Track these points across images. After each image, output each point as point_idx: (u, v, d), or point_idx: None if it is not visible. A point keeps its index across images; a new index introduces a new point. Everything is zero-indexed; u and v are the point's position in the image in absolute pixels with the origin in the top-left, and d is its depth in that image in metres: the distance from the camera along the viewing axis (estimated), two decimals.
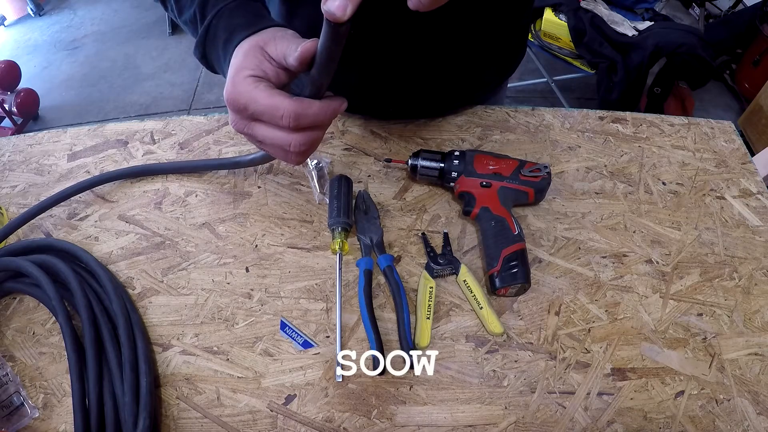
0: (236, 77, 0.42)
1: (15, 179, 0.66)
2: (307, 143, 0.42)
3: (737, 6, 2.38)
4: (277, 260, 0.57)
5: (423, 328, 0.51)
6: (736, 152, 0.69)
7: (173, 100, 2.44)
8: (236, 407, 0.48)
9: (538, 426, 0.47)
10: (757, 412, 0.47)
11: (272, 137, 0.42)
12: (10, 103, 2.20)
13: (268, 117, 0.41)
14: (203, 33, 0.48)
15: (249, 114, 0.42)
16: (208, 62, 0.51)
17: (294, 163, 0.46)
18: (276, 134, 0.42)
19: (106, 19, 2.95)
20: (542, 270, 0.57)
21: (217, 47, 0.48)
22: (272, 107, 0.40)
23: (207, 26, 0.48)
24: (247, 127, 0.43)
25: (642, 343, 0.51)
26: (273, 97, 0.40)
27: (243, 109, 0.41)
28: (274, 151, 0.45)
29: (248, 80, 0.41)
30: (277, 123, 0.41)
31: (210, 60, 0.50)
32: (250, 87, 0.41)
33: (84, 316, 0.48)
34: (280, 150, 0.43)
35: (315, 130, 0.43)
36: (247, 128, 0.43)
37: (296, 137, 0.41)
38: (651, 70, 1.78)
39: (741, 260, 0.58)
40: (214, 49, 0.48)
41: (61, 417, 0.47)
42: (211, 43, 0.48)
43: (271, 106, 0.40)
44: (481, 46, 0.65)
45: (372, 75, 0.64)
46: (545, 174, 0.59)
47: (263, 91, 0.40)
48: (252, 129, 0.43)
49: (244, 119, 0.43)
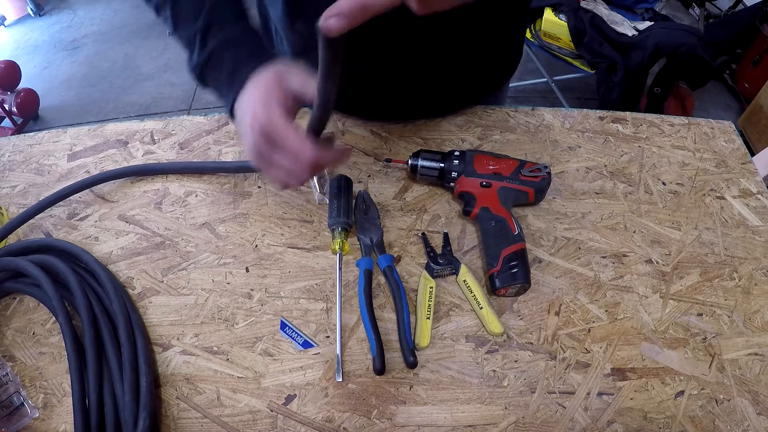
0: (269, 108, 0.45)
1: (15, 179, 0.66)
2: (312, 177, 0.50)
3: (737, 6, 2.38)
4: (277, 260, 0.57)
5: (423, 328, 0.51)
6: (736, 152, 0.69)
7: (173, 100, 2.44)
8: (236, 407, 0.48)
9: (538, 426, 0.47)
10: (757, 412, 0.47)
11: (288, 168, 0.46)
12: (10, 103, 2.20)
13: (290, 153, 0.45)
14: (206, 58, 0.51)
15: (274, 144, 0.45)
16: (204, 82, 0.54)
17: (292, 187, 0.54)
18: (292, 168, 0.46)
19: (106, 19, 2.95)
20: (542, 270, 0.57)
21: (219, 74, 0.51)
22: (299, 149, 0.44)
23: (210, 53, 0.51)
24: (268, 155, 0.46)
25: (642, 343, 0.51)
26: (302, 141, 0.44)
27: (271, 140, 0.45)
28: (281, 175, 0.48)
29: (281, 115, 0.44)
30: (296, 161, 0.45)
31: (207, 81, 0.53)
32: (282, 122, 0.44)
33: (84, 316, 0.48)
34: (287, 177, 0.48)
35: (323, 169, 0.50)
36: (268, 155, 0.46)
37: (307, 175, 0.47)
38: (651, 70, 1.77)
39: (741, 260, 0.58)
40: (215, 73, 0.51)
41: (61, 417, 0.47)
42: (213, 69, 0.51)
43: (298, 149, 0.44)
44: (480, 48, 0.65)
45: (372, 77, 0.64)
46: (545, 174, 0.59)
47: (293, 131, 0.44)
48: (272, 156, 0.46)
49: (268, 145, 0.46)
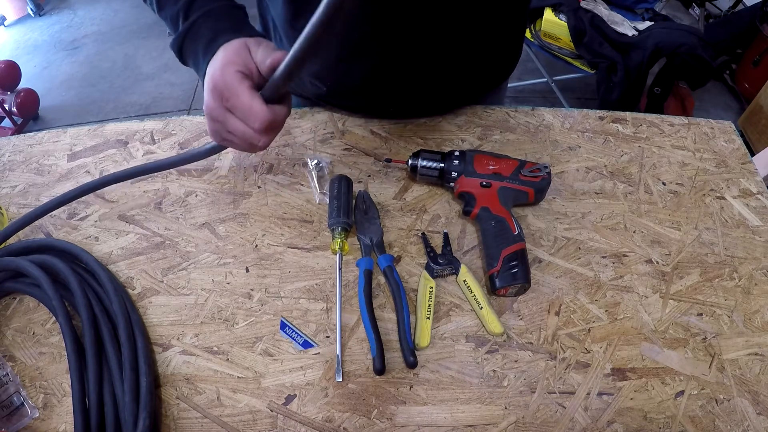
0: (225, 69, 0.45)
1: (15, 179, 0.66)
2: (271, 140, 0.50)
3: (737, 6, 2.38)
4: (277, 260, 0.57)
5: (423, 328, 0.51)
6: (736, 152, 0.69)
7: (173, 100, 2.44)
8: (236, 407, 0.48)
9: (538, 426, 0.47)
10: (757, 412, 0.47)
11: (243, 133, 0.47)
12: (10, 103, 2.20)
13: (242, 115, 0.45)
14: (186, 29, 0.52)
15: (228, 105, 0.46)
16: (182, 56, 0.55)
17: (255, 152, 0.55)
18: (247, 131, 0.47)
19: (106, 19, 2.95)
20: (542, 270, 0.57)
21: (197, 44, 0.52)
22: (249, 108, 0.44)
23: (191, 24, 0.52)
24: (222, 116, 0.47)
25: (642, 343, 0.51)
26: (253, 100, 0.44)
27: (225, 98, 0.45)
28: (242, 146, 0.50)
29: (236, 75, 0.45)
30: (248, 123, 0.46)
31: (185, 54, 0.54)
32: (236, 81, 0.45)
33: (84, 316, 0.48)
34: (247, 145, 0.49)
35: (279, 129, 0.50)
36: (222, 117, 0.47)
37: (264, 138, 0.48)
38: (651, 70, 1.77)
39: (741, 260, 0.58)
40: (193, 44, 0.52)
41: (61, 417, 0.47)
42: (192, 40, 0.52)
43: (249, 107, 0.44)
44: (480, 45, 0.65)
45: (374, 74, 0.64)
46: (545, 174, 0.59)
47: (247, 90, 0.44)
48: (226, 119, 0.47)
49: (222, 108, 0.46)
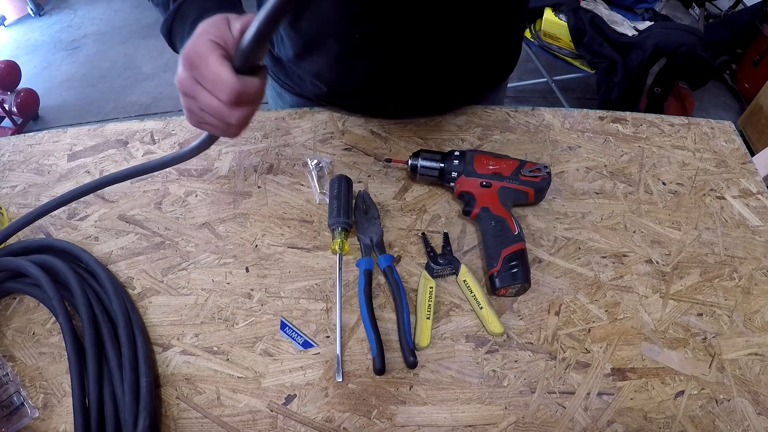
0: (199, 38, 0.42)
1: (15, 179, 0.66)
2: (247, 118, 0.45)
3: (737, 6, 2.38)
4: (277, 260, 0.57)
5: (423, 328, 0.51)
6: (736, 152, 0.69)
7: (173, 100, 2.44)
8: (236, 407, 0.48)
9: (538, 426, 0.47)
10: (757, 412, 0.47)
11: (214, 108, 0.43)
12: (10, 103, 2.20)
13: (210, 85, 0.42)
14: (174, 10, 0.52)
15: (196, 74, 0.42)
16: (171, 39, 0.55)
17: (232, 136, 0.48)
18: (216, 104, 0.43)
19: (106, 19, 2.95)
20: (542, 270, 0.57)
21: (184, 24, 0.51)
22: (216, 76, 0.41)
23: (180, 5, 0.52)
24: (192, 90, 0.43)
25: (642, 343, 0.51)
26: (221, 67, 0.41)
27: (194, 67, 0.42)
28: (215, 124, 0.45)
29: (208, 43, 0.42)
30: (216, 94, 0.42)
31: (173, 36, 0.54)
32: (206, 49, 0.41)
33: (84, 316, 0.48)
34: (220, 123, 0.45)
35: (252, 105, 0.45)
36: (192, 91, 0.43)
37: (236, 113, 0.43)
38: (651, 70, 1.77)
39: (741, 260, 0.58)
40: (181, 25, 0.52)
41: (61, 417, 0.47)
42: (180, 20, 0.52)
43: (215, 75, 0.41)
44: (480, 46, 0.65)
45: (374, 74, 0.64)
46: (545, 174, 0.59)
47: (216, 58, 0.41)
48: (196, 92, 0.43)
49: (192, 79, 0.43)
